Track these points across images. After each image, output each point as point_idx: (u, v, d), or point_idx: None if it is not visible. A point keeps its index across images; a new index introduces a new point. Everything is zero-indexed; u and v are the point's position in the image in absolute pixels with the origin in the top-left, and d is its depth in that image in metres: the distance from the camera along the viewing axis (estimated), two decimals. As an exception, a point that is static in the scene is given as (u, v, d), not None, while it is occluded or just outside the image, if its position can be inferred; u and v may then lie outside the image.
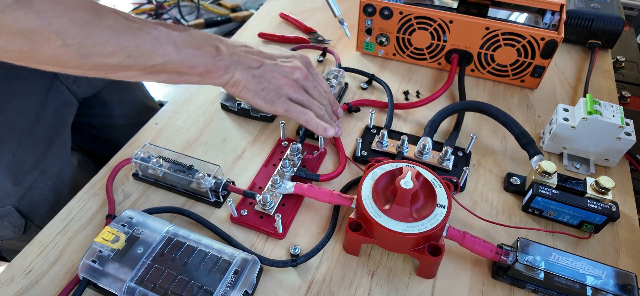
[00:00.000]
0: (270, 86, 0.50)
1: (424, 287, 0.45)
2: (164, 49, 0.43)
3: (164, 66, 0.43)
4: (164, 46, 0.43)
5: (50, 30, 0.35)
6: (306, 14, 0.89)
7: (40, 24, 0.34)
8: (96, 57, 0.38)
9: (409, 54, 0.75)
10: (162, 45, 0.42)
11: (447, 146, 0.56)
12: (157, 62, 0.43)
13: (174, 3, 2.35)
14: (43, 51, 0.36)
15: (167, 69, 0.44)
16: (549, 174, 0.50)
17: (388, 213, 0.44)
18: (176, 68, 0.44)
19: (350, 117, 0.65)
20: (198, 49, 0.45)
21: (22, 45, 0.35)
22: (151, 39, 0.42)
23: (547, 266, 0.42)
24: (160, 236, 0.45)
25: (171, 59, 0.43)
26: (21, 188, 0.59)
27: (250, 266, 0.43)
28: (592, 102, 0.54)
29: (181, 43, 0.44)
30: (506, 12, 0.70)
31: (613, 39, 0.77)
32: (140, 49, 0.41)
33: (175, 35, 0.44)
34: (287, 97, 0.51)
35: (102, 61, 0.39)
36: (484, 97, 0.70)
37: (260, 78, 0.49)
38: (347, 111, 0.66)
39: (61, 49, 0.36)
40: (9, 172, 0.58)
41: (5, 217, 0.60)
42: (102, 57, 0.39)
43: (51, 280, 0.46)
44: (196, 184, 0.51)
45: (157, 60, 0.42)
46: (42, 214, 0.62)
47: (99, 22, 0.38)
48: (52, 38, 0.35)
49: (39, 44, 0.35)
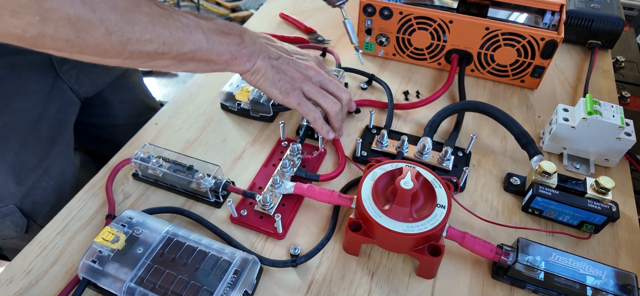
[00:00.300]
0: (287, 78, 0.51)
1: (424, 287, 0.45)
2: (194, 36, 0.44)
3: (194, 53, 0.45)
4: (193, 33, 0.44)
5: (95, 17, 0.36)
6: (306, 14, 0.89)
7: (85, 11, 0.35)
8: (135, 45, 0.39)
9: (409, 54, 0.75)
10: (192, 33, 0.44)
11: (447, 146, 0.55)
12: (188, 49, 0.44)
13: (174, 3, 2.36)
14: (87, 39, 0.37)
15: (197, 56, 0.45)
16: (549, 175, 0.50)
17: (388, 213, 0.44)
18: (205, 55, 0.46)
19: (351, 117, 0.65)
20: (224, 36, 0.47)
21: (69, 33, 0.35)
22: (182, 26, 0.43)
23: (547, 267, 0.42)
24: (160, 236, 0.45)
25: (201, 45, 0.45)
26: (23, 187, 0.60)
27: (250, 267, 0.43)
28: (592, 102, 0.54)
29: (209, 30, 0.45)
30: (506, 12, 0.70)
31: (613, 39, 0.77)
32: (174, 36, 0.42)
33: (203, 23, 0.45)
34: (301, 91, 0.53)
35: (140, 48, 0.40)
36: (483, 98, 0.70)
37: (278, 69, 0.51)
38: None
39: (104, 36, 0.37)
40: (12, 171, 0.58)
41: (8, 216, 0.60)
42: (140, 44, 0.40)
43: (51, 280, 0.46)
44: (196, 185, 0.51)
45: (189, 47, 0.44)
46: (44, 214, 0.63)
47: (137, 9, 0.39)
48: (97, 25, 0.36)
49: (85, 32, 0.36)
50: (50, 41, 0.35)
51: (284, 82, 0.51)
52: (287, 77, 0.51)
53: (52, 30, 0.34)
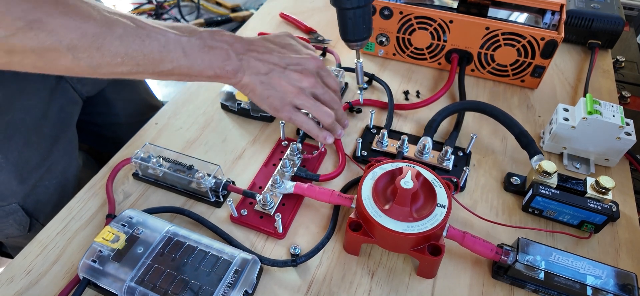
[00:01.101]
0: (276, 94, 0.50)
1: (424, 287, 0.45)
2: (172, 56, 0.43)
3: (172, 71, 0.44)
4: (172, 53, 0.43)
5: (62, 47, 0.36)
6: (306, 14, 0.89)
7: (51, 42, 0.36)
8: (106, 68, 0.40)
9: (409, 54, 0.75)
10: (171, 52, 0.43)
11: (447, 146, 0.56)
12: (165, 68, 0.43)
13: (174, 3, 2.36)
14: (56, 65, 0.38)
15: (176, 72, 0.44)
16: (549, 174, 0.50)
17: (388, 213, 0.44)
18: (185, 72, 0.45)
19: (351, 117, 0.65)
20: (207, 53, 0.45)
21: (36, 61, 0.37)
22: (159, 47, 0.42)
23: (547, 266, 0.42)
24: (160, 236, 0.45)
25: (179, 63, 0.44)
26: (26, 186, 0.60)
27: (250, 266, 0.43)
28: (592, 102, 0.54)
29: (190, 48, 0.44)
30: (506, 12, 0.70)
31: (613, 39, 0.77)
32: (149, 57, 0.42)
33: (185, 41, 0.44)
34: (292, 105, 0.51)
35: (112, 70, 0.40)
36: (484, 97, 0.70)
37: (267, 85, 0.49)
38: (348, 110, 0.66)
39: (72, 62, 0.38)
40: (15, 170, 0.58)
41: (11, 215, 0.60)
42: (111, 67, 0.40)
43: (51, 280, 0.46)
44: (196, 184, 0.51)
45: (166, 66, 0.43)
46: (47, 213, 0.63)
47: (109, 33, 0.39)
48: (64, 53, 0.37)
49: (51, 60, 0.37)
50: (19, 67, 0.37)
51: (273, 98, 0.50)
52: (277, 93, 0.50)
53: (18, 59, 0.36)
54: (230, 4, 2.37)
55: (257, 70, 0.49)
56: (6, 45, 0.34)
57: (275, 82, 0.49)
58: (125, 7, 2.37)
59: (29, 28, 0.34)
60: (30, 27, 0.34)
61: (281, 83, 0.50)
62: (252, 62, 0.48)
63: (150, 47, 0.41)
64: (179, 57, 0.44)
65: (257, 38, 0.52)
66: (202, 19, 2.22)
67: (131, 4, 2.40)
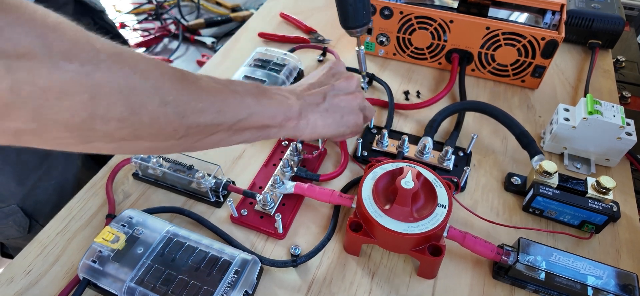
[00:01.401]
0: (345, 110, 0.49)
1: (425, 287, 0.45)
2: (246, 101, 0.40)
3: (248, 121, 0.41)
4: (245, 98, 0.41)
5: (147, 86, 0.31)
6: (306, 14, 0.89)
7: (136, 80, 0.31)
8: (191, 116, 0.35)
9: (409, 53, 0.75)
10: (244, 98, 0.40)
11: (448, 146, 0.55)
12: (243, 116, 0.40)
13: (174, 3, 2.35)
14: (142, 114, 0.32)
15: (251, 123, 0.41)
16: (549, 174, 0.50)
17: (388, 213, 0.44)
18: (260, 120, 0.42)
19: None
20: (271, 99, 0.43)
21: (122, 110, 0.30)
22: (233, 93, 0.40)
23: (548, 267, 0.42)
24: (160, 236, 0.45)
25: (253, 111, 0.41)
26: (25, 187, 0.60)
27: (251, 267, 0.43)
28: (592, 102, 0.54)
29: (256, 93, 0.42)
30: (506, 12, 0.70)
31: (613, 39, 0.77)
32: (227, 102, 0.39)
33: (250, 87, 0.42)
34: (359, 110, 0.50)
35: (197, 120, 0.36)
36: (484, 97, 0.70)
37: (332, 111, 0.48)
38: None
39: (160, 108, 0.33)
40: (14, 171, 0.58)
41: (10, 216, 0.60)
42: (196, 115, 0.36)
43: (51, 280, 0.45)
44: (196, 184, 0.51)
45: (242, 114, 0.40)
46: (46, 214, 0.63)
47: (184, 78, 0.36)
48: (151, 94, 0.32)
49: (139, 105, 0.31)
50: (101, 124, 0.30)
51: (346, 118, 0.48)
52: (346, 112, 0.48)
53: (103, 109, 0.29)
54: (230, 4, 2.37)
55: (316, 102, 0.47)
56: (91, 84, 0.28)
57: (337, 102, 0.48)
58: (125, 7, 2.37)
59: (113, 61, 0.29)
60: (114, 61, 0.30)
61: (341, 98, 0.48)
62: (308, 98, 0.47)
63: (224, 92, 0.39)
64: (251, 104, 0.41)
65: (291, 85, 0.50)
66: (202, 19, 2.22)
67: (131, 4, 2.39)
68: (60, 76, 0.27)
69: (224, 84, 0.40)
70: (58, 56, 0.26)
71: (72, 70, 0.27)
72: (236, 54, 0.79)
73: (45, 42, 0.26)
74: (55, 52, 0.26)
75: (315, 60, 0.77)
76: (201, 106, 0.36)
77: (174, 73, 0.35)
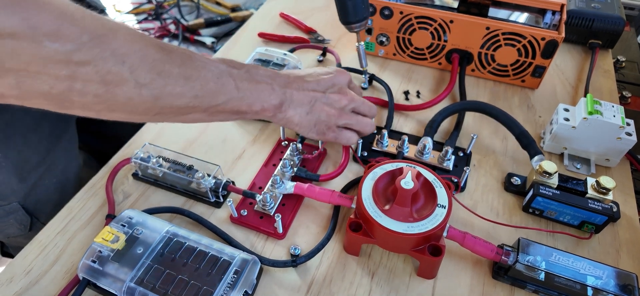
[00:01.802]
0: (322, 121, 0.50)
1: (425, 287, 0.45)
2: (226, 88, 0.42)
3: (225, 105, 0.42)
4: (226, 84, 0.42)
5: (124, 70, 0.34)
6: (306, 14, 0.89)
7: (115, 63, 0.33)
8: (167, 99, 0.37)
9: (410, 54, 0.75)
10: (224, 84, 0.42)
11: (448, 146, 0.55)
12: (220, 101, 0.42)
13: (174, 3, 2.35)
14: (117, 93, 0.34)
15: (227, 108, 0.43)
16: (549, 175, 0.50)
17: (388, 213, 0.44)
18: (236, 105, 0.43)
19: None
20: (255, 86, 0.45)
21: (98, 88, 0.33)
22: (214, 77, 0.41)
23: (547, 267, 0.42)
24: (160, 236, 0.45)
25: (232, 96, 0.42)
26: (26, 185, 0.60)
27: (250, 267, 0.43)
28: (592, 102, 0.54)
29: (240, 80, 0.43)
30: (507, 12, 0.70)
31: (614, 38, 0.77)
32: (206, 88, 0.40)
33: (235, 73, 0.43)
34: (336, 126, 0.51)
35: (171, 102, 0.38)
36: (484, 97, 0.70)
37: (311, 115, 0.49)
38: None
39: (135, 90, 0.35)
40: (15, 169, 0.58)
41: (11, 214, 0.60)
42: (172, 98, 0.38)
43: (51, 280, 0.45)
44: (196, 184, 0.51)
45: (220, 99, 0.42)
46: (48, 212, 0.63)
47: (169, 60, 0.37)
48: (127, 77, 0.34)
49: (114, 85, 0.34)
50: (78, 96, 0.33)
51: (320, 125, 0.50)
52: (322, 120, 0.50)
53: (80, 85, 0.32)
54: (230, 3, 2.37)
55: (300, 102, 0.48)
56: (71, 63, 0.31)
57: (319, 110, 0.49)
58: (125, 7, 2.37)
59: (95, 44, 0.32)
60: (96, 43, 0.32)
61: (324, 109, 0.49)
62: (295, 95, 0.48)
63: (206, 77, 0.40)
64: (231, 90, 0.42)
65: (292, 71, 0.51)
66: (202, 18, 2.22)
67: (131, 4, 2.39)
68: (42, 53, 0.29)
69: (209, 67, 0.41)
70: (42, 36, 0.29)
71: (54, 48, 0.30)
72: (236, 54, 0.79)
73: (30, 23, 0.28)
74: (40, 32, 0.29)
75: (315, 60, 0.77)
76: (178, 90, 0.38)
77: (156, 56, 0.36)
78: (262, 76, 0.46)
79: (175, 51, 0.38)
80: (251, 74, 0.45)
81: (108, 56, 0.33)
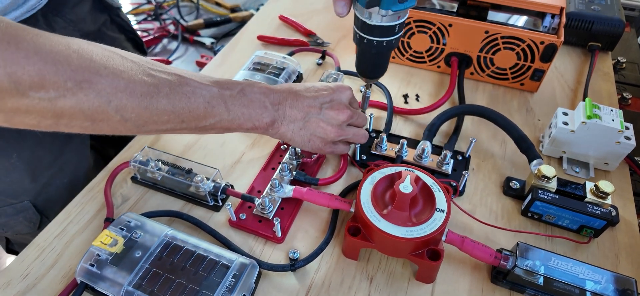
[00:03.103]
0: (316, 137, 0.50)
1: (423, 292, 0.45)
2: (216, 111, 0.43)
3: (214, 126, 0.44)
4: (216, 108, 0.43)
5: (109, 108, 0.36)
6: (306, 17, 0.89)
7: (100, 103, 0.35)
8: (151, 126, 0.39)
9: (408, 57, 0.75)
10: (214, 108, 0.43)
11: (447, 150, 0.55)
12: (208, 123, 0.43)
13: (173, 3, 2.35)
14: (103, 127, 0.37)
15: (217, 127, 0.44)
16: (548, 179, 0.50)
17: (387, 218, 0.44)
18: (226, 125, 0.45)
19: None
20: (247, 106, 0.45)
21: (84, 123, 0.36)
22: (204, 103, 0.42)
23: (546, 271, 0.42)
24: (158, 240, 0.45)
25: (222, 117, 0.44)
26: (38, 184, 0.60)
27: (249, 271, 0.42)
28: (591, 106, 0.54)
29: (232, 103, 0.44)
30: (506, 16, 0.70)
31: (613, 41, 0.77)
32: (194, 114, 0.41)
33: (227, 95, 0.44)
34: (332, 142, 0.51)
35: (157, 128, 0.40)
36: (483, 101, 0.69)
37: (305, 130, 0.49)
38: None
39: (119, 123, 0.37)
40: (28, 168, 0.58)
41: (22, 212, 0.61)
42: (157, 125, 0.40)
43: (48, 284, 0.45)
44: (195, 188, 0.51)
45: (209, 121, 0.43)
46: (57, 211, 0.63)
47: (156, 92, 0.38)
48: (112, 115, 0.36)
49: (100, 122, 0.36)
50: (65, 128, 0.36)
51: (314, 141, 0.50)
52: (317, 137, 0.50)
53: (66, 121, 0.35)
54: (230, 4, 2.36)
55: (293, 118, 0.48)
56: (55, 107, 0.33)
57: (314, 125, 0.49)
58: (125, 7, 2.37)
59: (79, 88, 0.34)
60: (80, 87, 0.34)
61: (320, 125, 0.49)
62: (288, 111, 0.48)
63: (195, 103, 0.41)
64: (221, 112, 0.43)
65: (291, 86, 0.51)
66: (201, 19, 2.22)
67: (130, 4, 2.39)
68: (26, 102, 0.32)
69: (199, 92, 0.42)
70: (26, 88, 0.32)
71: (38, 97, 0.32)
72: (235, 57, 0.79)
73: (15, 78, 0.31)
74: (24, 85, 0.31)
75: (314, 63, 0.77)
76: (165, 118, 0.40)
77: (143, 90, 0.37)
78: (255, 94, 0.46)
79: (164, 79, 0.39)
80: (245, 93, 0.45)
81: (93, 98, 0.35)
